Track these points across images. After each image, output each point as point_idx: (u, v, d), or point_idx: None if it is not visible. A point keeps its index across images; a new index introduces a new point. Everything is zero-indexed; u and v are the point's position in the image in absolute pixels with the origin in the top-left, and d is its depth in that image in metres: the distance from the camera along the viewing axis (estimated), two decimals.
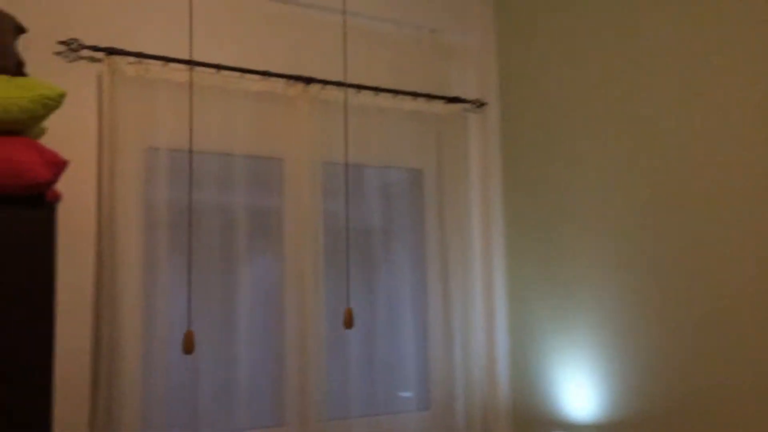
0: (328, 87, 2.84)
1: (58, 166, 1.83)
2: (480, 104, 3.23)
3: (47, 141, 2.33)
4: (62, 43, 2.38)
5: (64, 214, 2.37)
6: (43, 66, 2.35)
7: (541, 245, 2.97)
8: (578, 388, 2.77)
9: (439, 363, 2.95)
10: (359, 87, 2.90)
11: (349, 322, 1.84)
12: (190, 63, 2.56)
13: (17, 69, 1.87)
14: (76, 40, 2.40)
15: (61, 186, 2.36)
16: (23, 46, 2.26)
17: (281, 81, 2.75)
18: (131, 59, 2.47)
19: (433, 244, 3.02)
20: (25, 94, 1.78)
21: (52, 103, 1.82)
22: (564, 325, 2.84)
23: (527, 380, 3.00)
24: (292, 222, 2.72)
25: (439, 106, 3.11)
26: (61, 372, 2.31)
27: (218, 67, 2.61)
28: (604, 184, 2.71)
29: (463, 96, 3.19)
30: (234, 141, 2.64)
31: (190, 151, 2.40)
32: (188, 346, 1.75)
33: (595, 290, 2.71)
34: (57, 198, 2.30)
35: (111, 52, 2.42)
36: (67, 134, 2.40)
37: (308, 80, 2.78)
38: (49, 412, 1.85)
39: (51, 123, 2.35)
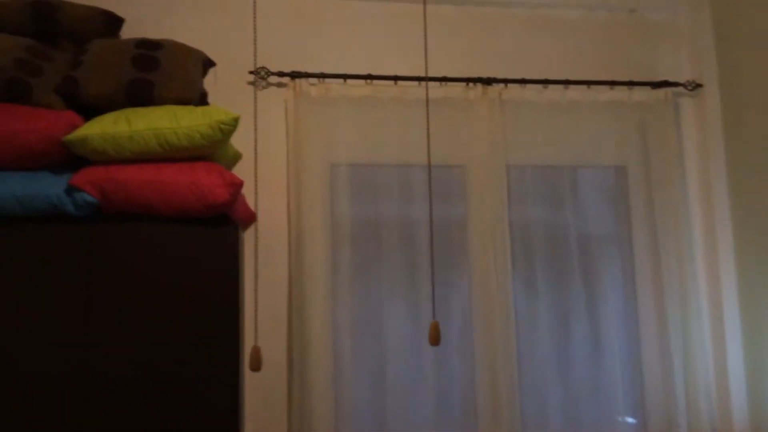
0: (511, 86, 2.68)
1: (235, 186, 1.93)
2: (694, 86, 2.81)
3: (242, 165, 2.51)
4: (252, 72, 2.55)
5: (261, 234, 2.52)
6: (236, 94, 2.54)
7: None
8: None
9: (656, 383, 2.59)
10: (545, 82, 2.70)
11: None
12: (369, 77, 2.58)
13: (200, 100, 2.02)
14: (264, 68, 2.56)
15: (258, 206, 2.51)
16: (216, 78, 2.47)
17: (459, 85, 2.65)
18: (313, 80, 2.56)
19: (642, 250, 2.68)
20: (204, 121, 1.91)
21: (227, 128, 1.93)
22: None
23: None
24: (477, 231, 2.59)
25: (642, 94, 2.77)
26: (260, 387, 2.43)
27: (396, 78, 2.59)
28: None
29: (672, 79, 2.80)
30: (415, 151, 2.60)
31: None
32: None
33: None
34: (252, 219, 2.46)
35: (295, 75, 2.54)
36: (260, 158, 2.55)
37: (488, 81, 2.65)
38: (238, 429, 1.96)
39: (245, 148, 2.52)
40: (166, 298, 1.94)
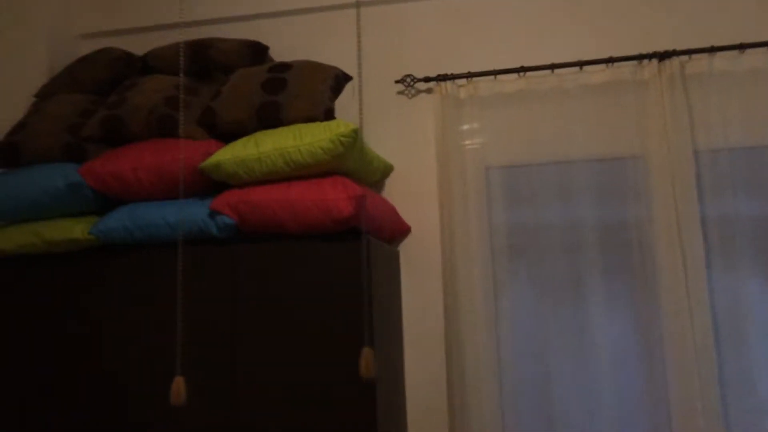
0: (695, 57, 2.26)
1: (357, 199, 1.88)
2: None
3: (395, 176, 2.46)
4: (399, 81, 2.49)
5: (414, 246, 2.43)
6: (385, 106, 2.51)
7: None
8: None
9: None
10: (743, 47, 2.23)
11: None
12: (521, 70, 2.37)
13: (326, 116, 2.01)
14: (410, 75, 2.48)
15: (410, 218, 2.44)
16: (354, 91, 2.46)
17: (628, 65, 2.31)
18: (461, 81, 2.42)
19: None
20: (325, 135, 1.90)
21: (347, 140, 1.89)
22: None
23: None
24: (662, 231, 2.21)
25: None
26: (417, 404, 2.34)
27: (552, 66, 2.34)
28: None
29: None
30: (578, 145, 2.31)
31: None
32: None
33: None
34: (405, 231, 2.39)
35: (441, 78, 2.42)
36: (412, 167, 2.48)
37: (665, 55, 2.26)
38: None
39: (397, 159, 2.47)
40: (301, 311, 1.94)
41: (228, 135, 2.08)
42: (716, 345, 2.13)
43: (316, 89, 2.04)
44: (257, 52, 2.31)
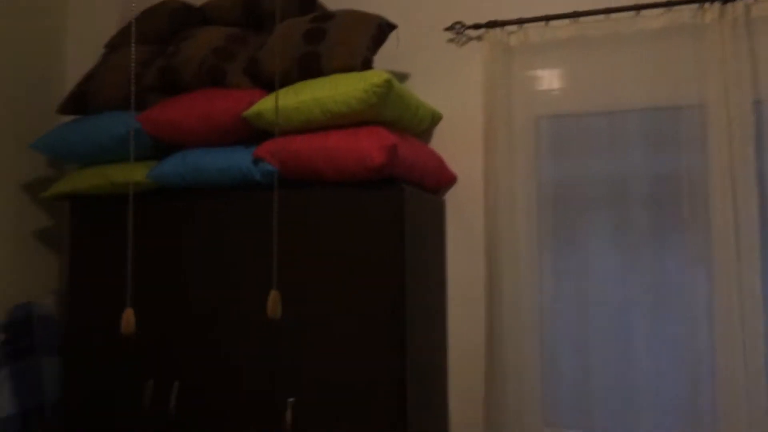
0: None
1: (389, 149, 1.91)
2: None
3: (444, 125, 2.46)
4: (448, 29, 2.46)
5: (458, 196, 2.45)
6: (434, 54, 2.50)
7: None
8: None
9: None
10: None
11: None
12: (574, 15, 2.28)
13: (363, 66, 2.04)
14: (459, 23, 2.45)
15: (457, 167, 2.45)
16: (398, 40, 2.45)
17: (688, 8, 2.17)
18: (512, 28, 2.37)
19: None
20: (360, 86, 1.93)
21: (380, 90, 1.92)
22: None
23: None
24: (715, 186, 2.11)
25: None
26: (458, 348, 2.40)
27: (608, 11, 2.24)
28: None
29: None
30: (632, 94, 2.23)
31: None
32: None
33: None
34: (452, 180, 2.41)
35: (491, 25, 2.38)
36: (460, 116, 2.47)
37: None
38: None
39: (446, 108, 2.47)
40: (338, 256, 2.03)
41: (272, 84, 2.15)
42: (765, 305, 2.04)
43: (356, 39, 2.07)
44: (306, 1, 2.35)
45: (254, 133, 2.15)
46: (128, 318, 1.29)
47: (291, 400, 2.03)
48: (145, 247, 2.26)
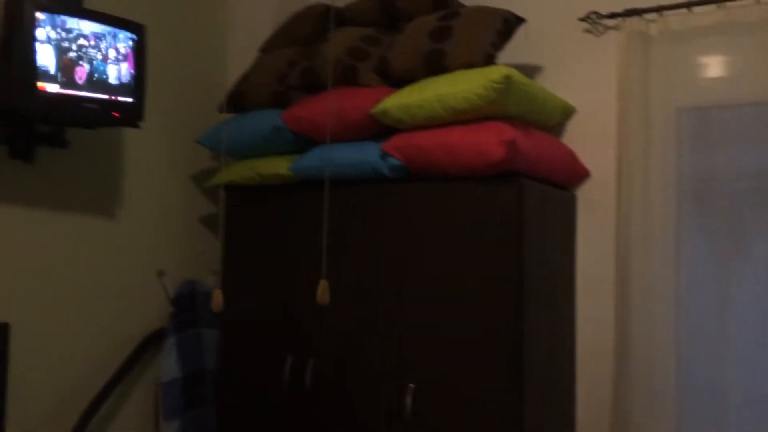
0: None
1: (508, 143, 1.94)
2: None
3: (578, 119, 2.42)
4: (582, 19, 2.41)
5: (592, 189, 2.40)
6: (568, 46, 2.45)
7: None
8: None
9: None
10: None
11: None
12: (720, 0, 2.14)
13: (486, 62, 2.07)
14: (595, 12, 2.39)
15: (591, 161, 2.40)
16: (527, 34, 2.42)
17: None
18: (651, 15, 2.27)
19: None
20: (479, 82, 1.98)
21: (499, 86, 1.95)
22: None
23: None
24: None
25: None
26: (586, 348, 2.36)
27: None
28: None
29: None
30: None
31: None
32: None
33: None
34: (584, 175, 2.38)
35: (629, 14, 2.29)
36: (594, 109, 2.41)
37: None
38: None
39: (581, 100, 2.42)
40: (459, 251, 2.09)
41: (401, 82, 2.25)
42: None
43: (479, 35, 2.10)
44: (438, 0, 2.41)
45: (384, 129, 2.26)
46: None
47: (411, 385, 2.13)
48: (287, 234, 2.47)
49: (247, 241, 2.60)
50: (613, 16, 2.33)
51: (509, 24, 2.20)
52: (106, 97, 2.17)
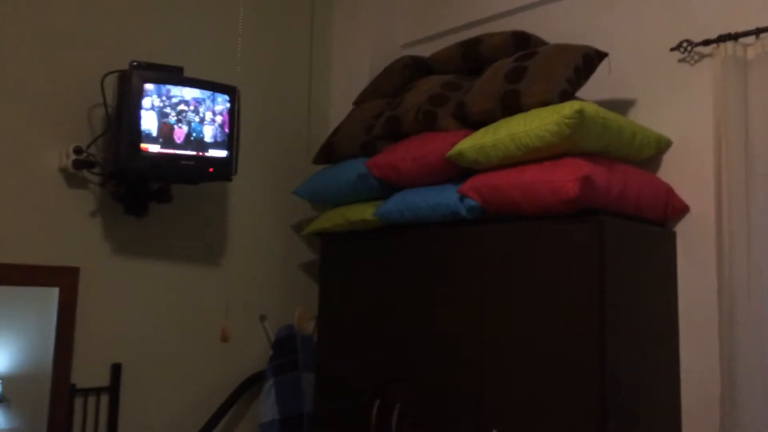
0: None
1: (583, 180, 1.87)
2: None
3: (674, 151, 2.30)
4: (675, 49, 2.30)
5: (692, 225, 2.24)
6: (660, 77, 2.34)
7: None
8: None
9: None
10: None
11: None
12: None
13: (561, 98, 2.02)
14: (687, 40, 2.27)
15: (689, 196, 2.25)
16: (610, 68, 2.34)
17: None
18: (748, 39, 2.12)
19: None
20: (551, 118, 1.94)
21: (571, 122, 1.90)
22: None
23: None
24: None
25: None
26: (691, 393, 2.16)
27: None
28: None
29: None
30: None
31: None
32: None
33: None
34: (683, 211, 2.25)
35: (724, 39, 2.16)
36: (691, 141, 2.27)
37: None
38: None
39: (676, 132, 2.30)
40: (540, 292, 2.02)
41: (478, 125, 2.25)
42: None
43: (554, 73, 2.07)
44: (519, 41, 2.41)
45: (462, 172, 2.26)
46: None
47: (494, 431, 2.06)
48: (375, 279, 2.51)
49: (340, 286, 2.66)
50: (706, 43, 2.21)
51: (590, 59, 2.14)
52: (201, 154, 2.36)
